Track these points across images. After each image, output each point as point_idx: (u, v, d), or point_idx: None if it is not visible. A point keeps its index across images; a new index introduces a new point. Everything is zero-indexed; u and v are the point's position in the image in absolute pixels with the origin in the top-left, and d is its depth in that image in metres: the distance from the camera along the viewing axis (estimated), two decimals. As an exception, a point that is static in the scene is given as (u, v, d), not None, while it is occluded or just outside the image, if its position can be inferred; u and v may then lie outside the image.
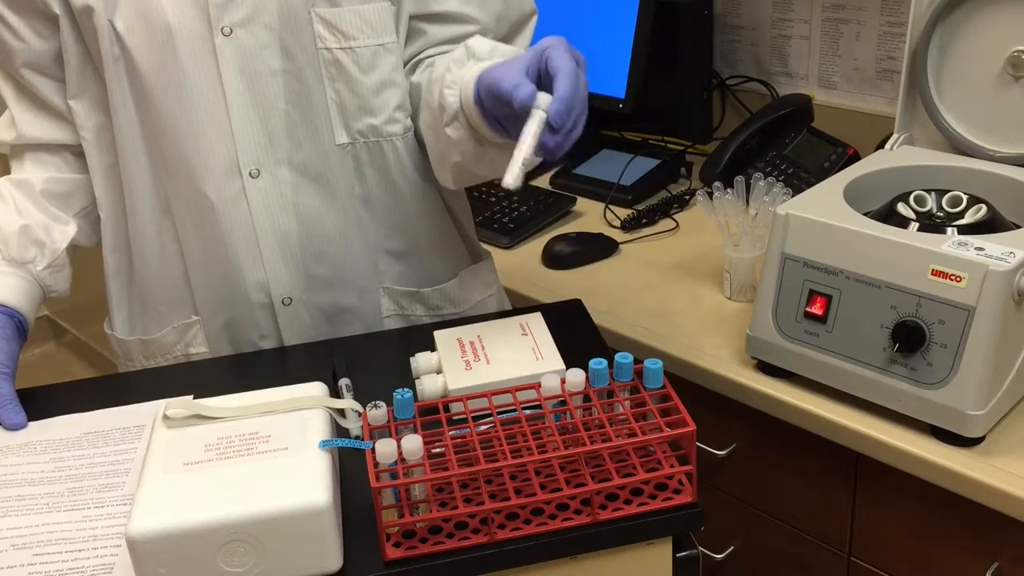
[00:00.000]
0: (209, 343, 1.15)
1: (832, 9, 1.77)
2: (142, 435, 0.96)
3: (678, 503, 0.80)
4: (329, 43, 1.05)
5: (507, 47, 1.01)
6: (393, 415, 0.84)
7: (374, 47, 1.06)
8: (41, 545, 0.84)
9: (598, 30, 1.80)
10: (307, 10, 1.03)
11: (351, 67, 1.06)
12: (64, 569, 0.82)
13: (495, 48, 1.00)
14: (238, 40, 1.02)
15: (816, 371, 1.15)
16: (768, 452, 1.29)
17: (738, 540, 1.39)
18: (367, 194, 1.12)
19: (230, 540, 0.74)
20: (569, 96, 0.87)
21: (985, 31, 1.21)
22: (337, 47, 1.05)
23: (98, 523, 0.86)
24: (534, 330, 1.01)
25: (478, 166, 1.03)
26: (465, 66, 0.98)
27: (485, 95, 0.92)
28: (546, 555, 0.79)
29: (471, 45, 1.00)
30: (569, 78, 0.87)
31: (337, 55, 1.05)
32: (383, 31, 1.06)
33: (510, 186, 0.86)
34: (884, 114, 1.72)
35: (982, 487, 1.03)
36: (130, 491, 0.89)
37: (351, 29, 1.05)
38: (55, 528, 0.86)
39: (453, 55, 1.00)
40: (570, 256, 1.56)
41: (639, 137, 1.94)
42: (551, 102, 0.86)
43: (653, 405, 0.83)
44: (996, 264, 0.99)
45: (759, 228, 1.34)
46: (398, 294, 1.18)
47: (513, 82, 0.87)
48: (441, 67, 1.03)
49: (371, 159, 1.11)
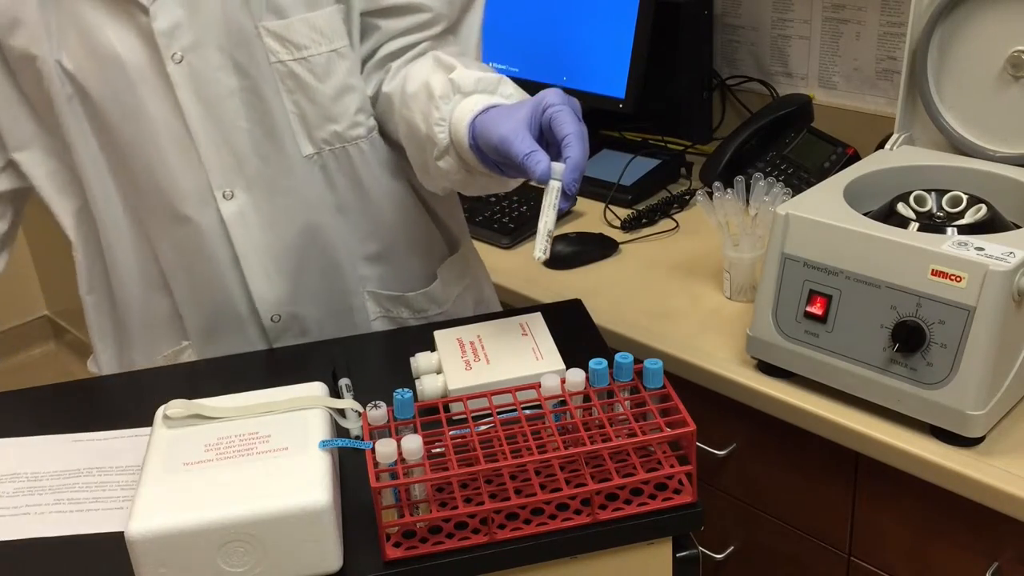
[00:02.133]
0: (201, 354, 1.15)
1: (832, 9, 1.77)
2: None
3: (678, 503, 0.80)
4: (282, 56, 1.04)
5: (490, 76, 1.01)
6: (393, 415, 0.84)
7: (327, 54, 1.05)
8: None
9: (598, 30, 1.80)
10: (255, 25, 1.02)
11: (307, 77, 1.05)
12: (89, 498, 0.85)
13: (480, 80, 1.00)
14: (190, 65, 1.01)
15: (816, 371, 1.15)
16: (768, 452, 1.29)
17: (738, 540, 1.39)
18: (340, 201, 1.12)
19: (230, 540, 0.74)
20: (580, 164, 0.89)
21: (985, 31, 1.21)
22: (290, 59, 1.04)
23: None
24: (534, 330, 1.01)
25: (467, 189, 1.05)
26: (452, 101, 0.98)
27: (484, 145, 0.93)
28: (546, 555, 0.79)
29: (455, 80, 0.99)
30: (579, 144, 0.89)
31: (291, 67, 1.04)
32: (334, 36, 1.05)
33: (541, 260, 0.90)
34: (884, 114, 1.72)
35: (982, 487, 1.03)
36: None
37: (302, 39, 1.04)
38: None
39: (437, 89, 0.99)
40: (570, 256, 1.56)
41: (639, 137, 1.94)
42: (564, 171, 0.89)
43: (653, 405, 0.83)
44: (996, 264, 0.99)
45: (759, 228, 1.34)
46: (383, 298, 1.18)
47: (524, 149, 0.89)
48: (417, 83, 1.03)
49: (339, 166, 1.10)
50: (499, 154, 0.92)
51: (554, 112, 0.90)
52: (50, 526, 0.87)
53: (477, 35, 1.15)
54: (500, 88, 1.00)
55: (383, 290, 1.18)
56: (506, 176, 0.97)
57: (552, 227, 0.90)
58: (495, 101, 0.97)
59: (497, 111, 0.94)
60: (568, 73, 1.84)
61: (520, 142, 0.89)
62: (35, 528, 0.87)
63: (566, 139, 0.89)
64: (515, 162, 0.90)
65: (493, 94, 0.99)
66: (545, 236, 0.90)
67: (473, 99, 0.97)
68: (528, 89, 1.02)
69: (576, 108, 0.92)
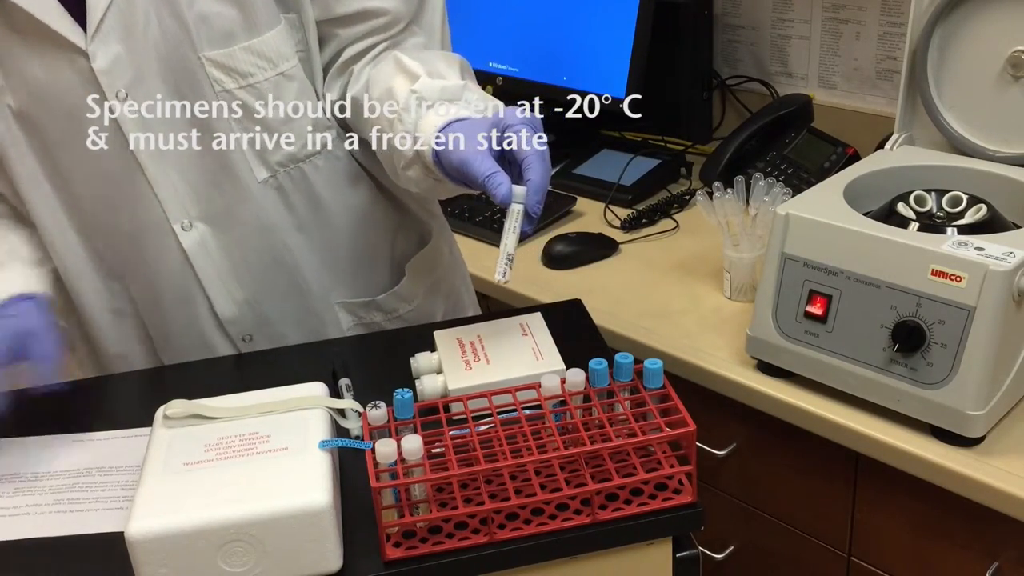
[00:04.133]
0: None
1: (832, 9, 1.77)
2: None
3: (678, 503, 0.80)
4: (227, 85, 1.02)
5: (454, 85, 0.99)
6: (393, 415, 0.84)
7: (274, 78, 1.04)
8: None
9: (598, 30, 1.80)
10: (196, 56, 1.00)
11: (254, 103, 1.03)
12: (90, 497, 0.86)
13: (444, 88, 0.99)
14: (136, 101, 1.00)
15: (816, 371, 1.15)
16: (768, 452, 1.29)
17: (738, 540, 1.39)
18: (299, 221, 1.11)
19: (230, 540, 0.74)
20: (543, 184, 0.89)
21: (985, 31, 1.21)
22: (236, 87, 1.02)
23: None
24: (534, 330, 1.01)
25: (436, 195, 1.05)
26: (414, 112, 0.97)
27: (446, 164, 0.93)
28: (546, 555, 0.79)
29: (418, 90, 0.98)
30: (540, 165, 0.88)
31: (238, 95, 1.03)
32: (279, 59, 1.03)
33: (501, 282, 0.89)
34: (884, 114, 1.72)
35: (982, 487, 1.03)
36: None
37: (246, 67, 1.02)
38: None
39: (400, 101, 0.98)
40: (570, 256, 1.56)
41: (639, 137, 1.94)
42: (527, 194, 0.88)
43: (653, 405, 0.83)
44: (996, 264, 0.99)
45: (759, 228, 1.34)
46: (355, 306, 1.18)
47: (484, 171, 0.88)
48: (380, 88, 1.01)
49: (295, 186, 1.09)
50: (460, 175, 0.91)
51: (514, 131, 0.89)
52: (50, 526, 0.87)
53: (441, 21, 1.13)
54: (464, 95, 0.99)
55: (353, 298, 1.18)
56: (469, 188, 0.96)
57: (513, 250, 0.89)
58: (459, 111, 0.96)
59: (459, 127, 0.93)
60: (568, 73, 1.84)
61: (479, 164, 0.89)
62: (35, 528, 0.87)
63: (525, 160, 0.88)
64: (476, 183, 0.89)
65: (458, 103, 0.98)
66: (505, 259, 0.89)
67: (436, 109, 0.96)
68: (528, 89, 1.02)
69: (535, 126, 0.91)
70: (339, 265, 1.16)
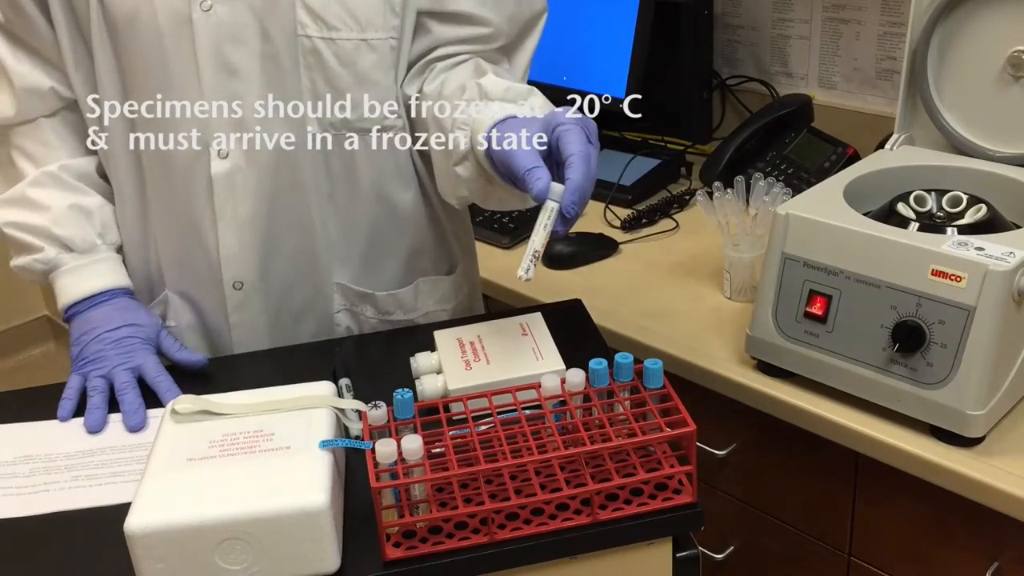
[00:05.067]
0: (176, 317, 1.16)
1: (832, 9, 1.77)
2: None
3: (678, 503, 0.80)
4: (310, 31, 1.03)
5: (520, 87, 1.00)
6: (393, 415, 0.84)
7: (356, 41, 1.04)
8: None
9: (598, 30, 1.80)
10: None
11: (330, 58, 1.04)
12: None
13: (509, 89, 0.99)
14: (217, 16, 1.01)
15: (816, 371, 1.15)
16: (768, 452, 1.29)
17: (738, 540, 1.39)
18: (333, 190, 1.11)
19: (228, 538, 0.74)
20: (583, 186, 0.87)
21: (985, 31, 1.21)
22: (317, 36, 1.03)
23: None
24: (534, 330, 1.01)
25: (486, 202, 1.04)
26: (476, 105, 0.97)
27: (495, 156, 0.92)
28: (546, 555, 0.79)
29: (484, 85, 0.99)
30: (582, 165, 0.87)
31: (316, 44, 1.03)
32: (368, 25, 1.04)
33: (523, 279, 0.88)
34: (884, 114, 1.72)
35: (982, 487, 1.03)
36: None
37: (334, 19, 1.03)
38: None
39: (466, 92, 0.99)
40: (570, 256, 1.56)
41: (639, 137, 1.94)
42: (564, 192, 0.86)
43: (653, 405, 0.83)
44: (996, 264, 0.99)
45: (759, 228, 1.34)
46: (351, 292, 1.17)
47: (527, 164, 0.87)
48: (453, 86, 1.02)
49: (339, 153, 1.09)
50: (505, 168, 0.91)
51: (563, 131, 0.88)
52: (70, 500, 0.88)
53: (526, 66, 1.14)
54: (529, 99, 0.99)
55: (352, 284, 1.17)
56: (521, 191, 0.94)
57: (540, 248, 0.88)
58: (519, 111, 0.96)
59: (513, 122, 0.93)
60: (568, 73, 1.84)
61: (523, 158, 0.88)
62: (56, 503, 0.88)
63: (570, 159, 0.87)
64: (517, 176, 0.88)
65: (520, 104, 0.98)
66: (531, 256, 0.88)
67: (497, 106, 0.96)
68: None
69: (589, 129, 0.90)
70: (353, 248, 1.15)
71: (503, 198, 1.02)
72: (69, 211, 1.10)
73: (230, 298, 1.12)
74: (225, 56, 1.02)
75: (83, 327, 1.06)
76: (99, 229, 1.11)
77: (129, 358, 1.03)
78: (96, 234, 1.11)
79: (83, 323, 1.07)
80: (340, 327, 1.19)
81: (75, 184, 1.11)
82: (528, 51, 1.14)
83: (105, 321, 1.05)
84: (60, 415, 0.99)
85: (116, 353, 1.03)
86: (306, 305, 1.16)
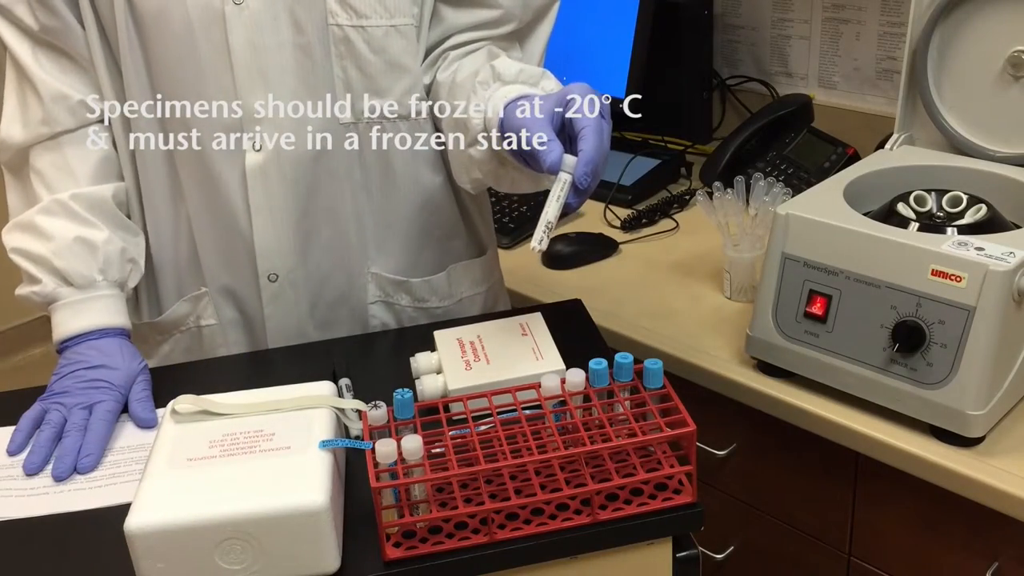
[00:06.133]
0: (217, 314, 1.15)
1: (832, 9, 1.77)
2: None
3: (678, 503, 0.80)
4: (340, 19, 1.04)
5: (533, 69, 1.01)
6: (393, 415, 0.84)
7: (386, 27, 1.05)
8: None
9: (598, 30, 1.80)
10: None
11: (361, 46, 1.05)
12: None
13: (522, 71, 1.00)
14: (249, 9, 1.02)
15: (816, 371, 1.15)
16: (768, 452, 1.29)
17: (738, 540, 1.39)
18: (366, 178, 1.12)
19: (227, 538, 0.74)
20: (595, 158, 0.88)
21: (985, 31, 1.21)
22: (348, 24, 1.04)
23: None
24: (534, 330, 1.01)
25: (499, 184, 1.04)
26: (491, 87, 0.98)
27: (508, 132, 0.93)
28: (546, 555, 0.79)
29: (497, 67, 1.00)
30: (595, 138, 0.88)
31: (347, 32, 1.04)
32: (397, 12, 1.05)
33: (536, 250, 0.88)
34: (884, 114, 1.72)
35: (982, 487, 1.03)
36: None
37: (364, 7, 1.04)
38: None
39: (479, 75, 1.00)
40: (570, 256, 1.56)
41: (639, 137, 1.94)
42: (576, 164, 0.87)
43: (653, 405, 0.83)
44: (996, 264, 0.99)
45: (759, 228, 1.34)
46: (386, 281, 1.17)
47: (539, 139, 0.88)
48: (466, 72, 1.03)
49: (373, 141, 1.10)
50: (517, 142, 0.91)
51: (574, 106, 0.89)
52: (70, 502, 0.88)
53: (543, 48, 1.15)
54: (542, 82, 1.00)
55: (387, 273, 1.17)
56: (534, 170, 0.95)
57: (554, 219, 0.88)
58: (532, 92, 0.97)
59: (526, 100, 0.94)
60: (568, 73, 1.83)
61: (537, 129, 0.89)
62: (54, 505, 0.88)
63: (583, 131, 0.88)
64: (530, 150, 0.89)
65: (533, 86, 0.99)
66: (544, 227, 0.88)
67: (511, 87, 0.97)
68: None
69: (604, 108, 0.91)
70: (388, 236, 1.15)
71: (516, 179, 1.02)
72: (73, 243, 1.08)
73: (264, 290, 1.12)
74: (258, 49, 1.03)
75: (65, 361, 1.06)
76: (101, 265, 1.09)
77: (89, 397, 1.00)
78: (97, 270, 1.08)
79: (67, 357, 1.06)
80: (376, 320, 1.19)
81: (84, 215, 1.09)
82: (541, 38, 1.15)
83: (85, 359, 1.04)
84: (9, 449, 0.96)
85: (80, 391, 1.01)
86: (340, 297, 1.16)
